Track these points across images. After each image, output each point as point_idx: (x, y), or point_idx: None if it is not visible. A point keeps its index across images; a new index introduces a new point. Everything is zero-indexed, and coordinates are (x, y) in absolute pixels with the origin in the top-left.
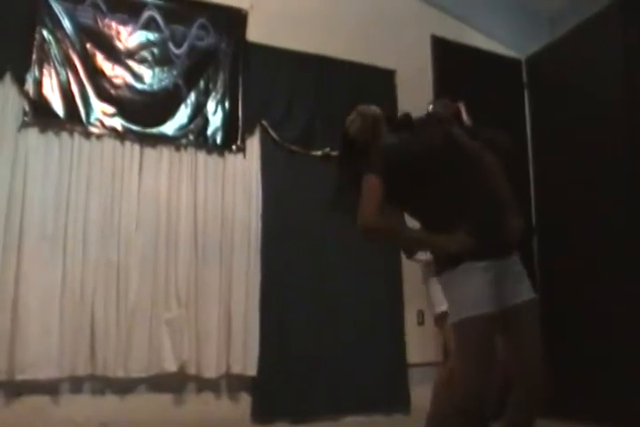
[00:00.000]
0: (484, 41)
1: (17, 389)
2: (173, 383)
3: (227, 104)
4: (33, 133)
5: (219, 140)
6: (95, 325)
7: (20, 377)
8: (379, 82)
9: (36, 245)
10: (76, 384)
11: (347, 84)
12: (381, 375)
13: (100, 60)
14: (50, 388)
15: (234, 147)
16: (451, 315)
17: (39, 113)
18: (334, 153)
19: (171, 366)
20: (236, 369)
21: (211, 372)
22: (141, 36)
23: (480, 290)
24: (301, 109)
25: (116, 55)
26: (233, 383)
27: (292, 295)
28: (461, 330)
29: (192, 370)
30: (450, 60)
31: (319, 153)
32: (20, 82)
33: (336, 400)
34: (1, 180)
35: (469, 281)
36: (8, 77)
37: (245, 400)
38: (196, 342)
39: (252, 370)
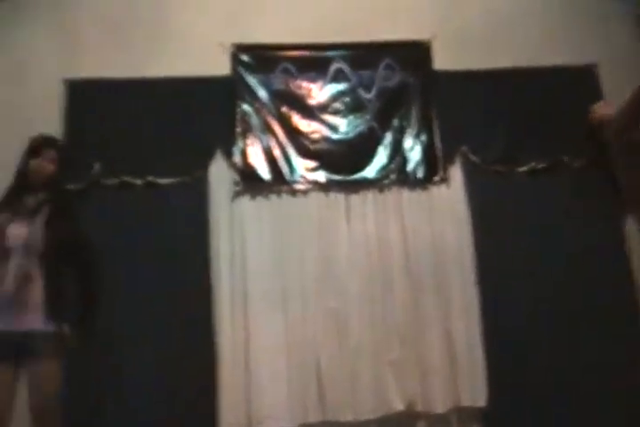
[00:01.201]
0: None
1: None
2: (402, 422)
3: (423, 137)
4: (245, 201)
5: (420, 174)
6: (321, 372)
7: None
8: (576, 80)
9: (260, 301)
10: None
11: (541, 91)
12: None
13: (297, 120)
14: None
15: (436, 178)
16: None
17: (248, 181)
18: (541, 166)
19: (398, 405)
20: (466, 401)
21: (439, 407)
22: (331, 88)
23: None
24: (500, 127)
25: (310, 112)
26: (463, 416)
27: (515, 319)
28: None
29: (420, 407)
30: None
31: (525, 169)
32: (229, 155)
33: None
34: (223, 246)
35: None
36: (219, 154)
37: None
38: (421, 378)
39: (481, 401)
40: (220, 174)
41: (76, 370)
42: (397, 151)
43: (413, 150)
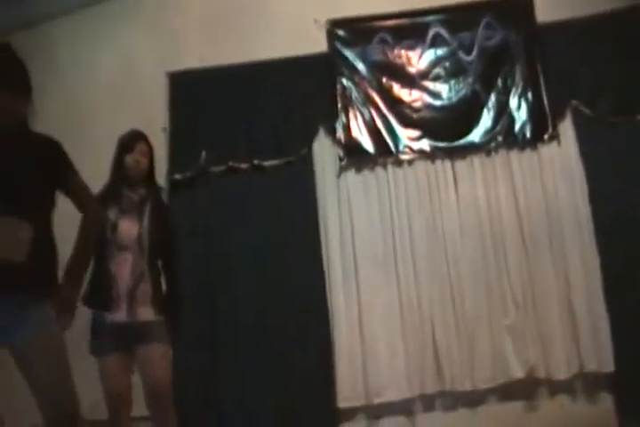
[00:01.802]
0: None
1: (375, 412)
2: (523, 390)
3: (529, 95)
4: (350, 175)
5: (528, 134)
6: (437, 340)
7: (377, 401)
8: None
9: (371, 272)
10: (428, 402)
11: None
12: None
13: (397, 90)
14: (404, 408)
15: (546, 136)
16: None
17: (353, 155)
18: None
19: (518, 372)
20: (590, 367)
21: (562, 373)
22: (430, 54)
23: None
24: (611, 75)
25: (410, 80)
26: (589, 383)
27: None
28: None
29: (541, 374)
30: None
31: None
32: (332, 132)
33: None
34: (331, 222)
35: None
36: (322, 131)
37: (606, 399)
38: (541, 344)
39: (608, 366)
40: (324, 151)
41: (187, 357)
42: (503, 112)
43: (520, 110)
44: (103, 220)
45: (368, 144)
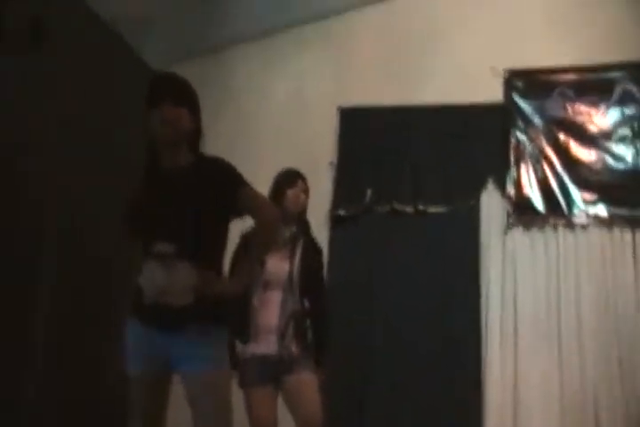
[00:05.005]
0: None
1: None
2: None
3: None
4: (517, 233)
5: None
6: (600, 423)
7: None
8: None
9: (531, 340)
10: None
11: None
12: None
13: (575, 148)
14: None
15: None
16: None
17: (521, 212)
18: None
19: None
20: None
21: None
22: (616, 112)
23: None
24: None
25: (590, 139)
26: None
27: None
28: None
29: None
30: None
31: None
32: (501, 185)
33: None
34: (493, 280)
35: None
36: (490, 183)
37: None
38: None
39: None
40: (491, 205)
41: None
42: None
43: None
44: (278, 222)
45: (539, 202)
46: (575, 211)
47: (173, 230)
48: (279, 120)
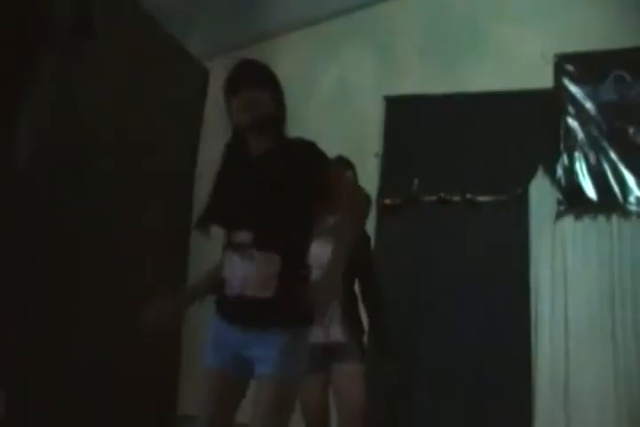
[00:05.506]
0: None
1: None
2: None
3: None
4: (568, 221)
5: None
6: None
7: None
8: None
9: (584, 335)
10: None
11: None
12: None
13: (632, 135)
14: None
15: None
16: None
17: (573, 200)
18: None
19: None
20: None
21: None
22: None
23: None
24: None
25: None
26: None
27: None
28: None
29: None
30: None
31: None
32: (552, 173)
33: None
34: (543, 271)
35: None
36: (540, 171)
37: None
38: None
39: None
40: (541, 193)
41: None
42: None
43: None
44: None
45: (590, 190)
46: (631, 199)
47: (254, 219)
48: (325, 109)
